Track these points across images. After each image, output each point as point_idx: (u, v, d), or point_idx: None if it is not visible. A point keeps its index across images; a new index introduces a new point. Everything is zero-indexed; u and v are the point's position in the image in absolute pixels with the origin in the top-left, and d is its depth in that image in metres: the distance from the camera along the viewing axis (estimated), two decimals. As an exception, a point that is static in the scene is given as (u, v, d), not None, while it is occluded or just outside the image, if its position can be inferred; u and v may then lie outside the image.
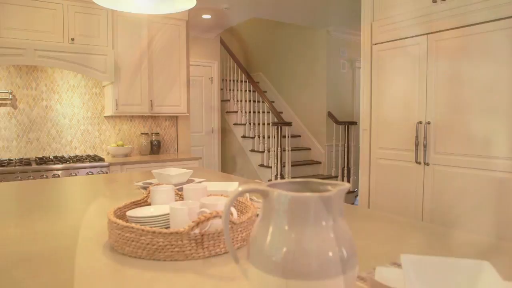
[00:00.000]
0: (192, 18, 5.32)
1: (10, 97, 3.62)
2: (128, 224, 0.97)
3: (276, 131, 5.26)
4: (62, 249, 1.05)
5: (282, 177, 5.19)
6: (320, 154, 6.17)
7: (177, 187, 1.77)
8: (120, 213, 1.19)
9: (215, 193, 1.38)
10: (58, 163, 3.34)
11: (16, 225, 1.31)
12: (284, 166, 5.36)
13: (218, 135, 6.26)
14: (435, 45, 2.85)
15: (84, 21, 3.59)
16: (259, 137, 6.06)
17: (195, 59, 5.93)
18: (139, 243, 0.96)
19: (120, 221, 0.99)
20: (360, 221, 1.36)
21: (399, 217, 1.41)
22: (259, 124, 6.31)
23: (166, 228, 1.09)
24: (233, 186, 1.54)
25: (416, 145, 2.97)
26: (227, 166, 6.65)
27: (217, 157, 6.25)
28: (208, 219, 0.92)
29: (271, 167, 5.54)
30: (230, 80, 6.68)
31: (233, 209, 1.06)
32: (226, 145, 6.67)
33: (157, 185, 1.38)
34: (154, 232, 0.93)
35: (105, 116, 4.11)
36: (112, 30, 3.76)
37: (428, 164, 2.91)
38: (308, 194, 0.58)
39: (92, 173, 3.41)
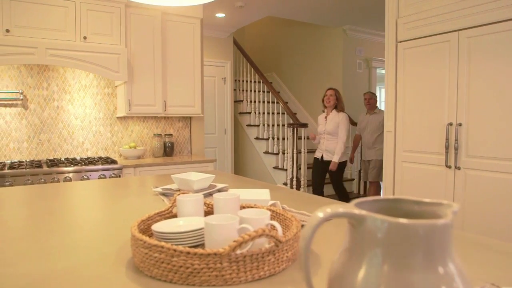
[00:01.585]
0: (206, 17, 5.19)
1: (21, 98, 3.52)
2: (157, 242, 0.83)
3: (291, 132, 5.10)
4: (79, 269, 0.92)
5: (298, 180, 5.03)
6: (336, 156, 5.99)
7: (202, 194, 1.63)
8: (144, 227, 1.06)
9: (247, 203, 1.24)
10: (69, 165, 3.23)
11: (26, 238, 1.18)
12: (300, 168, 5.20)
13: (231, 137, 6.11)
14: (467, 42, 2.68)
15: (96, 19, 3.48)
16: (273, 138, 5.91)
17: (208, 58, 5.81)
18: (170, 265, 0.82)
19: (147, 239, 0.85)
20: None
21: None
22: (273, 125, 6.16)
23: (199, 245, 0.95)
24: (264, 195, 1.39)
25: (446, 148, 2.79)
26: (240, 168, 6.51)
27: (230, 159, 6.11)
28: (253, 238, 0.78)
29: (286, 170, 5.39)
30: (243, 81, 6.54)
31: (276, 224, 0.92)
32: (239, 147, 6.53)
33: (182, 193, 1.24)
34: (188, 252, 0.79)
35: (117, 117, 4.00)
36: (125, 28, 3.64)
37: (459, 168, 2.74)
38: (415, 221, 0.43)
39: (105, 176, 3.29)
